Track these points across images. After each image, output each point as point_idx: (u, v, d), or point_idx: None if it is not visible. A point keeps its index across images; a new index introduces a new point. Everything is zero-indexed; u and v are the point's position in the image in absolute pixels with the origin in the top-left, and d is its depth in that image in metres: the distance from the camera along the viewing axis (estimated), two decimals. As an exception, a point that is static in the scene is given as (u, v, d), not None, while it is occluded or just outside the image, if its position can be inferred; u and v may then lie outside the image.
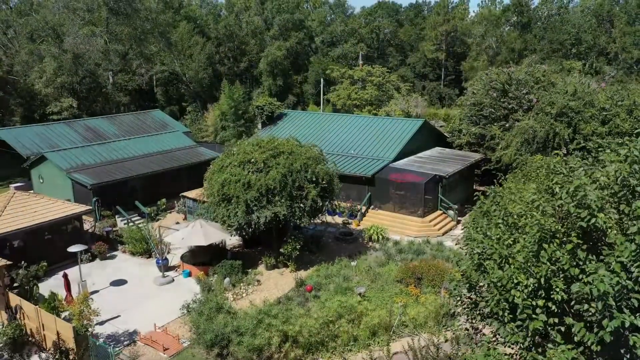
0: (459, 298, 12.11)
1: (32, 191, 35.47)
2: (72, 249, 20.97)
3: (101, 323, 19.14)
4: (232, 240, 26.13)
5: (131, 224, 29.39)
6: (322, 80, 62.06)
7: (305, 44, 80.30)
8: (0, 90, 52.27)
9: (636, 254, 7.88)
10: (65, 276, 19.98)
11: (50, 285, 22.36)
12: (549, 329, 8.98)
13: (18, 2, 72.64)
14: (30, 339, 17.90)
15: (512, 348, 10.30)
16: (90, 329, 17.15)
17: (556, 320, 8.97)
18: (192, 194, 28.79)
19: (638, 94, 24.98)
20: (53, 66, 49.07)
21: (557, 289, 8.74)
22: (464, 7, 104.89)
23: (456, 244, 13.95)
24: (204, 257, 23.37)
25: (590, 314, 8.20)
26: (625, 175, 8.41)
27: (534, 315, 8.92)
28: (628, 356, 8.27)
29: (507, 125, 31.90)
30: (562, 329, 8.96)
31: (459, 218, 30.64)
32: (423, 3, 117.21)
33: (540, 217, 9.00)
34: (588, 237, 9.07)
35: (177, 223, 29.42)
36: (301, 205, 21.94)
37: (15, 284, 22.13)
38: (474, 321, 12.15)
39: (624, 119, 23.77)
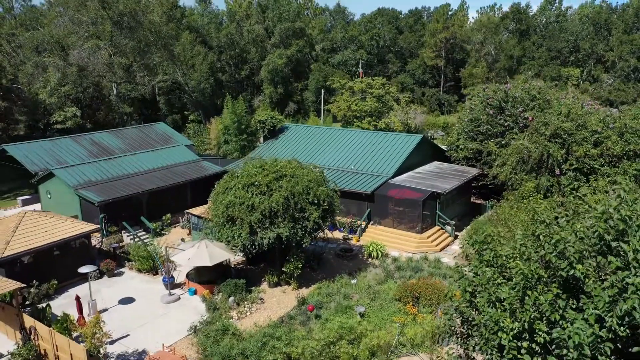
0: (452, 328, 12.94)
1: (38, 204, 36.37)
2: (83, 269, 21.75)
3: (111, 342, 19.93)
4: (236, 257, 26.92)
5: (137, 239, 30.23)
6: (322, 91, 62.78)
7: (305, 52, 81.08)
8: (4, 100, 52.99)
9: (610, 305, 8.68)
10: (77, 299, 20.77)
11: (61, 304, 23.24)
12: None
13: (22, 11, 73.63)
14: (44, 359, 18.71)
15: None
16: (102, 351, 17.95)
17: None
18: (197, 210, 29.59)
19: (629, 117, 25.77)
20: (57, 76, 49.89)
21: (540, 332, 9.55)
22: (463, 13, 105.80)
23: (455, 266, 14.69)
24: (209, 276, 24.15)
25: (569, 358, 8.99)
26: (600, 232, 9.20)
27: (519, 356, 9.74)
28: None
29: (503, 142, 32.73)
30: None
31: (456, 233, 31.47)
32: (423, 9, 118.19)
33: (524, 268, 9.78)
34: (568, 284, 9.87)
35: (182, 239, 30.21)
36: (303, 226, 22.73)
37: (27, 302, 23.09)
38: (467, 350, 12.97)
39: (615, 141, 24.58)
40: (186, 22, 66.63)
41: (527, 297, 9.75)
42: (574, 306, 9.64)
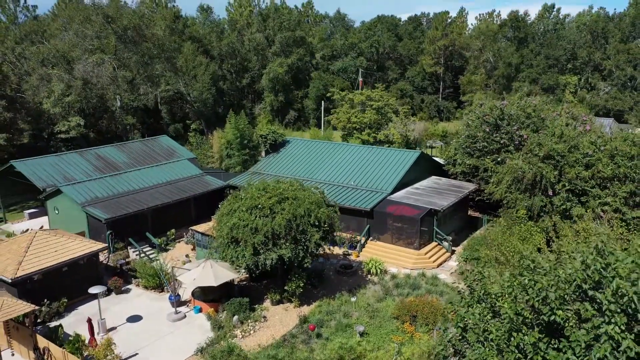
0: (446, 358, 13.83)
1: (45, 217, 37.21)
2: (93, 290, 22.63)
3: (121, 361, 20.81)
4: (240, 274, 27.74)
5: (143, 255, 31.10)
6: (323, 102, 63.65)
7: (306, 60, 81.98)
8: (9, 110, 53.81)
9: (586, 351, 9.56)
10: (89, 321, 21.60)
11: (70, 322, 24.10)
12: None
13: (25, 21, 74.52)
14: (57, 379, 19.58)
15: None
16: (113, 372, 18.83)
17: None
18: (201, 228, 30.45)
19: (620, 139, 26.64)
20: (61, 87, 50.71)
21: (524, 372, 10.43)
22: (462, 19, 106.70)
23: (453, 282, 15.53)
24: (213, 294, 25.01)
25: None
26: (578, 282, 10.06)
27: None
28: None
29: (499, 159, 33.60)
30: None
31: (453, 248, 32.34)
32: (422, 15, 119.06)
33: (510, 312, 10.64)
34: (551, 326, 10.73)
35: (187, 256, 31.06)
36: (304, 247, 23.60)
37: (38, 320, 23.95)
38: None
39: (606, 163, 25.44)
40: (188, 32, 67.51)
41: (512, 338, 10.62)
42: (555, 346, 10.50)
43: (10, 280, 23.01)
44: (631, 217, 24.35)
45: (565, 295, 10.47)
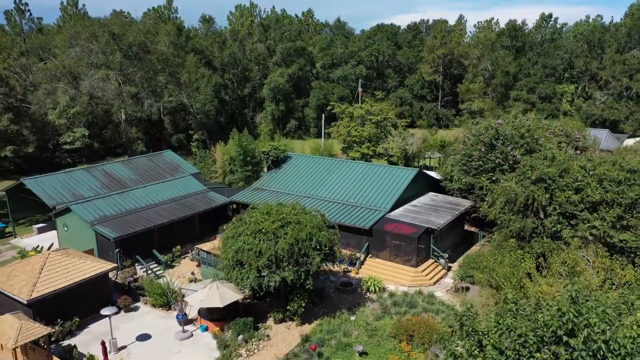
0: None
1: (53, 232, 38.36)
2: (105, 311, 23.78)
3: (132, 381, 21.95)
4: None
5: (150, 272, 32.24)
6: (323, 115, 64.81)
7: (306, 69, 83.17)
8: (15, 123, 54.94)
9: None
10: (102, 344, 22.73)
11: (83, 340, 25.25)
12: None
13: (31, 31, 75.75)
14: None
15: None
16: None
17: None
18: (206, 246, 31.60)
19: (608, 164, 27.76)
20: (66, 99, 51.91)
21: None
22: (460, 26, 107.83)
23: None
24: (219, 313, 26.11)
25: None
26: (554, 328, 11.20)
27: None
28: None
29: (494, 177, 34.76)
30: None
31: (449, 265, 33.49)
32: (421, 22, 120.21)
33: (494, 353, 11.78)
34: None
35: (192, 273, 32.16)
36: (306, 270, 24.74)
37: (52, 339, 25.08)
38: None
39: (595, 188, 26.58)
40: (191, 44, 68.73)
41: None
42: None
43: (26, 302, 24.17)
44: (618, 240, 25.51)
45: (544, 338, 11.60)
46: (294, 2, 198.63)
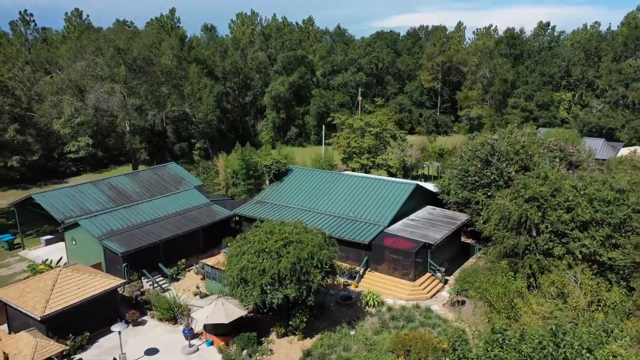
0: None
1: (61, 243, 39.45)
2: (115, 328, 24.85)
3: (142, 395, 23.02)
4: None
5: (156, 285, 33.30)
6: (323, 127, 65.89)
7: (307, 77, 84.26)
8: (21, 133, 55.92)
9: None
10: (114, 360, 23.83)
11: (92, 355, 26.32)
12: None
13: (36, 39, 76.82)
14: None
15: None
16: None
17: None
18: (211, 261, 32.69)
19: (599, 183, 28.81)
20: (70, 109, 52.92)
21: None
22: (459, 33, 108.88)
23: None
24: (224, 328, 27.16)
25: None
26: (536, 359, 12.29)
27: None
28: None
29: (489, 193, 35.84)
30: None
31: (446, 278, 34.56)
32: (420, 28, 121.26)
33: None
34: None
35: (197, 287, 33.21)
36: (308, 287, 25.81)
37: (64, 353, 26.14)
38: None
39: (585, 207, 27.63)
40: (193, 54, 69.81)
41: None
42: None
43: (39, 318, 25.24)
44: (607, 258, 26.57)
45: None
46: (295, 9, 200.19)
